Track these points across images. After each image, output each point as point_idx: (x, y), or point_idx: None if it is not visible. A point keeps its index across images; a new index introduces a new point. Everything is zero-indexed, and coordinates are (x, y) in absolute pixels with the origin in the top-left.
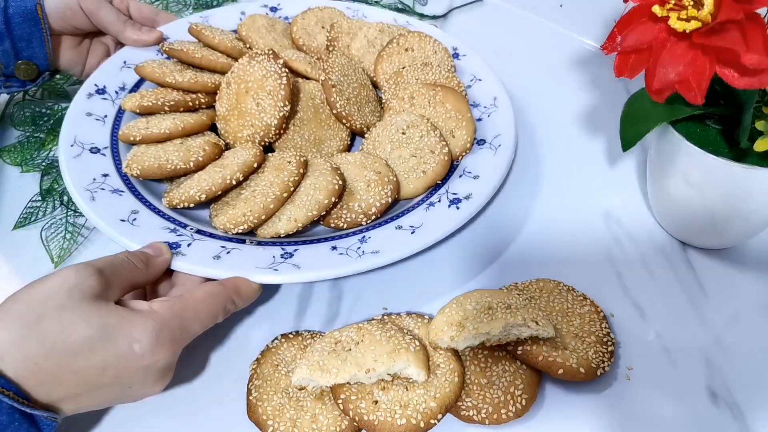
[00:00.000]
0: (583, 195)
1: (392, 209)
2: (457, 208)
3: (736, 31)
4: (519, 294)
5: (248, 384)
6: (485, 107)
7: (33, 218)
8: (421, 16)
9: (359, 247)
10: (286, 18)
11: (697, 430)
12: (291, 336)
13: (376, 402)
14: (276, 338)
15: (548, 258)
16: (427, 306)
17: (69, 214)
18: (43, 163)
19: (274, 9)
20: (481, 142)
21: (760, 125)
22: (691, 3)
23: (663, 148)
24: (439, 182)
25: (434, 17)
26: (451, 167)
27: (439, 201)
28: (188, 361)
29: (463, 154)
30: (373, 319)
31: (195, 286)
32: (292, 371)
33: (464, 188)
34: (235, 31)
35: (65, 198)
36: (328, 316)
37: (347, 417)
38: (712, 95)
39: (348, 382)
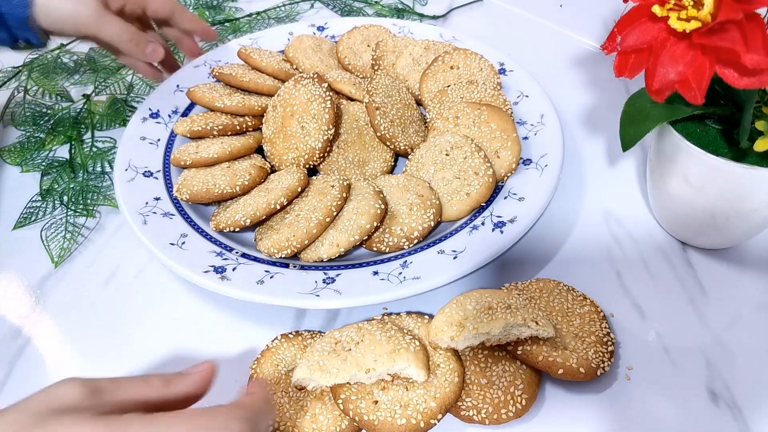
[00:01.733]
0: (583, 195)
1: (435, 231)
2: (501, 232)
3: (736, 31)
4: (519, 294)
5: (248, 384)
6: (532, 125)
7: (33, 218)
8: (421, 16)
9: (401, 273)
10: (333, 37)
11: (697, 430)
12: (291, 336)
13: (376, 402)
14: (276, 338)
15: (548, 258)
16: (427, 306)
17: (69, 214)
18: (43, 163)
19: (321, 28)
20: (527, 161)
21: (760, 125)
22: (691, 3)
23: (663, 148)
24: (483, 204)
25: (434, 17)
26: (496, 188)
27: (483, 224)
28: (189, 360)
29: (509, 174)
30: (373, 319)
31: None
32: (292, 371)
33: (509, 211)
34: (283, 52)
35: (65, 198)
36: (328, 316)
37: (347, 417)
38: (712, 95)
39: (348, 382)
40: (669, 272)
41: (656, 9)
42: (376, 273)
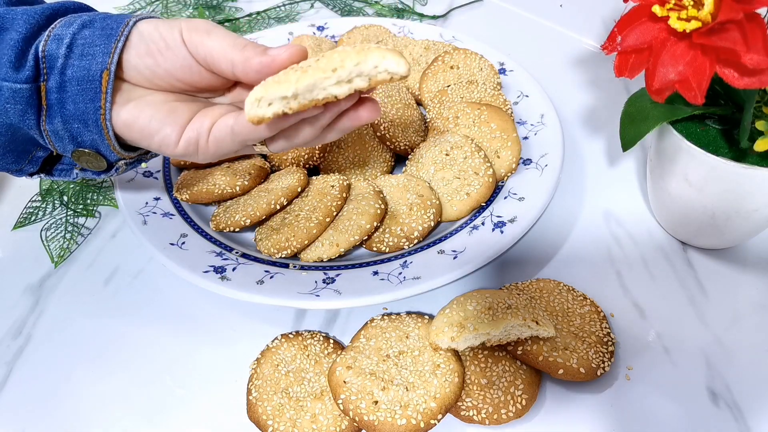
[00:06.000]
0: (583, 195)
1: (435, 231)
2: (501, 232)
3: (736, 31)
4: (519, 294)
5: (248, 384)
6: (532, 125)
7: (33, 218)
8: (421, 16)
9: (401, 273)
10: (333, 37)
11: (697, 430)
12: (291, 336)
13: (376, 402)
14: (276, 338)
15: (548, 258)
16: (427, 306)
17: (69, 214)
18: None
19: (321, 28)
20: (527, 161)
21: (760, 125)
22: (691, 3)
23: (663, 148)
24: (483, 204)
25: (434, 17)
26: (496, 188)
27: (483, 224)
28: (188, 360)
29: (509, 174)
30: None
31: None
32: (292, 371)
33: (509, 211)
34: None
35: (65, 198)
36: (328, 317)
37: (347, 417)
38: (712, 95)
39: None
40: (669, 272)
41: (656, 9)
42: (376, 273)
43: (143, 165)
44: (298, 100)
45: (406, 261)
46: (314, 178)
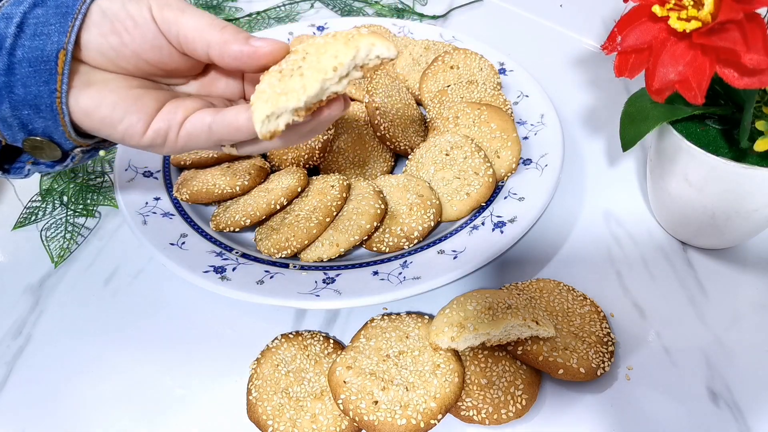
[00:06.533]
0: (583, 195)
1: (435, 231)
2: (501, 232)
3: (736, 31)
4: (519, 294)
5: (248, 384)
6: (532, 125)
7: (33, 218)
8: (421, 16)
9: (401, 273)
10: None
11: (697, 430)
12: (291, 336)
13: (376, 402)
14: (276, 338)
15: (548, 258)
16: (427, 306)
17: (69, 214)
18: None
19: (321, 28)
20: (527, 161)
21: (760, 125)
22: (691, 3)
23: (663, 148)
24: (483, 204)
25: (434, 17)
26: (496, 188)
27: (483, 224)
28: (188, 361)
29: (509, 174)
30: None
31: None
32: (292, 371)
33: (509, 211)
34: None
35: (65, 198)
36: (328, 316)
37: (347, 417)
38: (712, 95)
39: (319, 99)
40: (669, 272)
41: (656, 9)
42: (376, 273)
43: (101, 153)
44: (305, 106)
45: (406, 261)
46: (314, 178)
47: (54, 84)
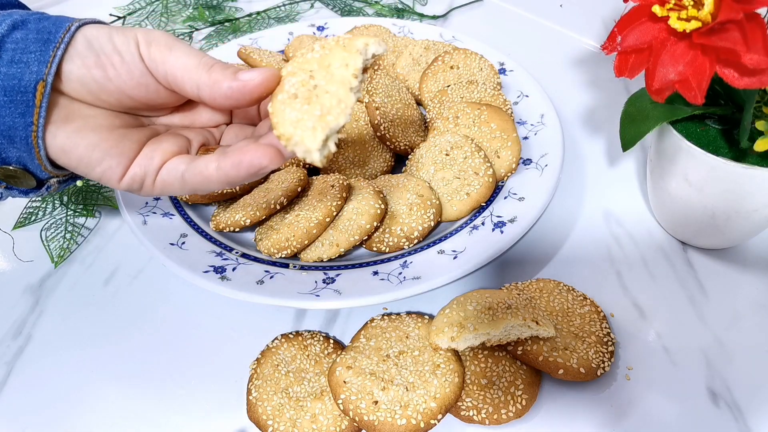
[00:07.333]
0: (583, 195)
1: (435, 231)
2: (501, 232)
3: (736, 31)
4: (519, 294)
5: (248, 384)
6: (532, 125)
7: (33, 218)
8: (421, 16)
9: (401, 273)
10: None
11: (697, 430)
12: (291, 336)
13: (376, 402)
14: (276, 338)
15: (548, 258)
16: (427, 306)
17: (69, 214)
18: None
19: (321, 28)
20: (527, 161)
21: (760, 125)
22: (691, 3)
23: (663, 148)
24: (483, 204)
25: (434, 17)
26: (496, 188)
27: (483, 224)
28: (188, 361)
29: (509, 174)
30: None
31: None
32: (292, 371)
33: (509, 211)
34: (282, 52)
35: (65, 198)
36: (328, 316)
37: (347, 417)
38: (712, 95)
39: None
40: (669, 272)
41: (656, 9)
42: (376, 273)
43: (78, 183)
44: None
45: (406, 261)
46: (314, 178)
47: (30, 117)
